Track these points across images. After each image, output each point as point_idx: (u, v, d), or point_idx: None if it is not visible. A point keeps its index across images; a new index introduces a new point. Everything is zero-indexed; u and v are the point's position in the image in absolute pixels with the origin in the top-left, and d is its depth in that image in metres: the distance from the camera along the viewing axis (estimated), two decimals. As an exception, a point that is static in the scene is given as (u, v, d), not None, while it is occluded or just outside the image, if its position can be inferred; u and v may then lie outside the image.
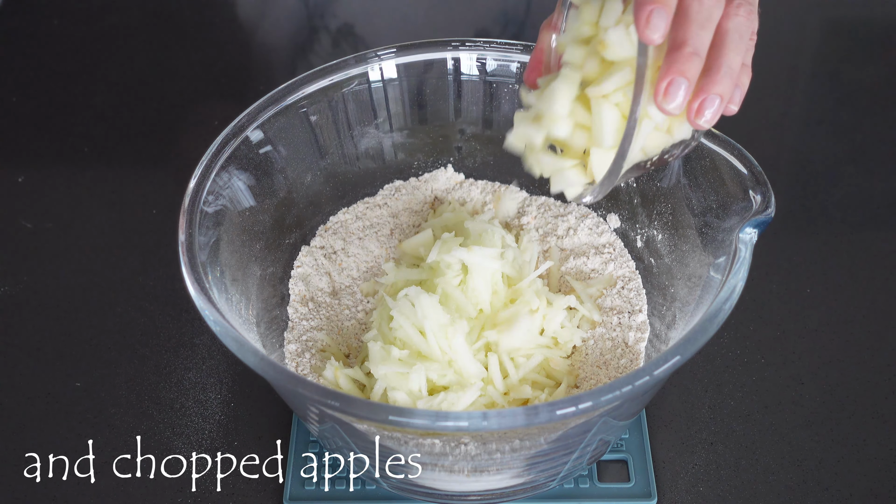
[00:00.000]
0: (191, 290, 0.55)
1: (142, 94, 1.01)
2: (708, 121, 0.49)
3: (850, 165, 0.91)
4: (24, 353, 0.76)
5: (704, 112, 0.49)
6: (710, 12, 0.48)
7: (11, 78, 1.03)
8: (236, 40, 1.10)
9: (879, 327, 0.76)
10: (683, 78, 0.47)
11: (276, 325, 0.68)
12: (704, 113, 0.49)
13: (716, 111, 0.49)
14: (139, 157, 0.93)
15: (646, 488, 0.65)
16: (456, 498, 0.63)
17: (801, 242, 0.84)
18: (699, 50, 0.48)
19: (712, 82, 0.48)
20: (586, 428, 0.55)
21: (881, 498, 0.66)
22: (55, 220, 0.87)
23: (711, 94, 0.49)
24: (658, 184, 0.67)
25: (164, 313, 0.78)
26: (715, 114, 0.49)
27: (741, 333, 0.76)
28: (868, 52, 1.05)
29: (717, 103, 0.49)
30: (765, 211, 0.57)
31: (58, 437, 0.70)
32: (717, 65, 0.49)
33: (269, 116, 0.66)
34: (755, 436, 0.70)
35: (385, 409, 0.48)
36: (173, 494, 0.67)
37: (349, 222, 0.75)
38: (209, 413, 0.71)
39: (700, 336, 0.51)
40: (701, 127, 0.50)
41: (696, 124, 0.50)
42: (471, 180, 0.78)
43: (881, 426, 0.70)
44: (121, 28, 1.10)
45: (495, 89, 0.72)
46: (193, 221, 0.59)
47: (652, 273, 0.70)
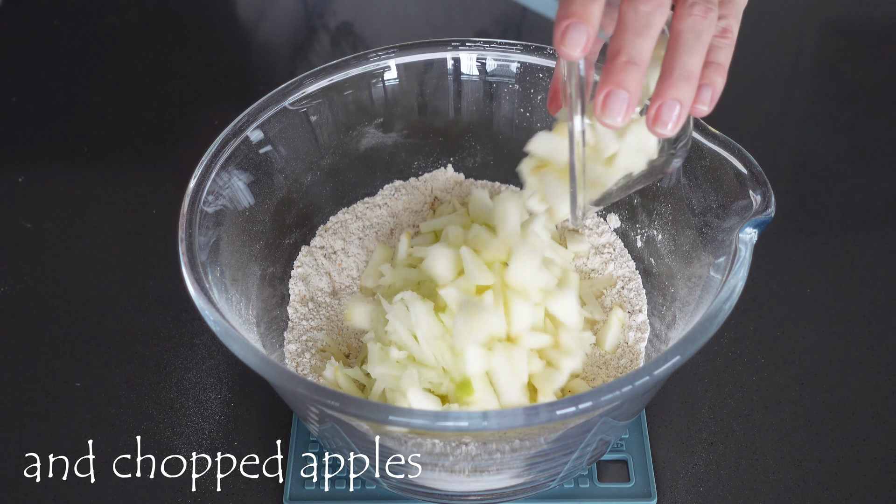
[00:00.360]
0: (191, 290, 0.55)
1: (142, 94, 1.01)
2: (670, 128, 0.47)
3: (850, 165, 0.91)
4: (24, 353, 0.76)
5: (662, 118, 0.47)
6: (647, 19, 0.46)
7: (11, 78, 1.03)
8: (236, 40, 1.10)
9: (879, 327, 0.76)
10: (621, 89, 0.45)
11: (276, 325, 0.68)
12: (662, 119, 0.47)
13: (677, 116, 0.47)
14: (139, 157, 0.93)
15: (646, 488, 0.65)
16: (456, 498, 0.63)
17: (801, 242, 0.84)
18: (634, 58, 0.46)
19: (666, 87, 0.47)
20: (586, 428, 0.55)
21: (881, 498, 0.66)
22: (55, 220, 0.87)
23: (668, 100, 0.47)
24: (658, 184, 0.67)
25: (164, 313, 0.78)
26: (677, 119, 0.47)
27: (741, 333, 0.76)
28: (868, 52, 1.05)
29: (675, 109, 0.47)
30: (765, 211, 0.57)
31: (58, 437, 0.70)
32: (670, 68, 0.47)
33: (269, 116, 0.66)
34: (755, 436, 0.70)
35: (385, 409, 0.48)
36: (173, 494, 0.67)
37: (349, 222, 0.75)
38: (209, 413, 0.71)
39: (700, 336, 0.51)
40: (663, 135, 0.48)
41: (656, 132, 0.48)
42: (471, 180, 0.78)
43: (881, 426, 0.70)
44: (121, 28, 1.10)
45: (495, 89, 0.72)
46: (193, 221, 0.59)
47: (652, 273, 0.70)
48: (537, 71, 0.70)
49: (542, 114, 0.72)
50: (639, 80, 0.46)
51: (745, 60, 1.02)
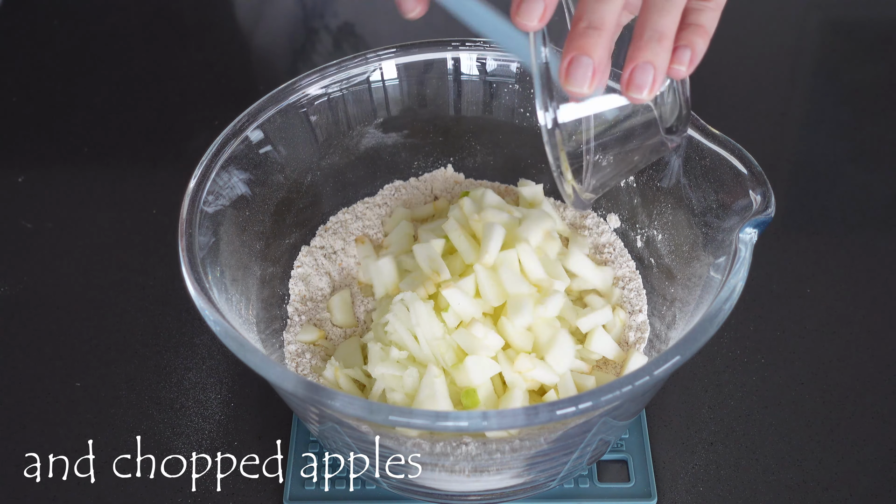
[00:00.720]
0: (191, 290, 0.55)
1: (142, 94, 1.01)
2: (645, 92, 0.46)
3: (850, 165, 0.91)
4: (24, 353, 0.76)
5: (635, 80, 0.45)
6: None
7: (11, 78, 1.03)
8: (236, 40, 1.10)
9: (879, 327, 0.76)
10: (584, 55, 0.44)
11: (276, 325, 0.68)
12: (636, 82, 0.45)
13: (652, 79, 0.45)
14: (139, 157, 0.93)
15: (646, 488, 0.65)
16: (456, 498, 0.63)
17: (801, 242, 0.84)
18: (595, 22, 0.44)
19: (636, 49, 0.45)
20: (586, 428, 0.55)
21: (881, 498, 0.66)
22: (55, 220, 0.87)
23: (640, 62, 0.45)
24: (658, 184, 0.67)
25: (164, 313, 0.78)
26: (652, 83, 0.46)
27: (741, 333, 0.76)
28: (868, 52, 1.05)
29: (649, 71, 0.45)
30: (765, 211, 0.57)
31: (58, 437, 0.70)
32: (641, 30, 0.46)
33: (269, 116, 0.66)
34: (755, 436, 0.70)
35: (385, 409, 0.48)
36: (173, 494, 0.67)
37: (349, 222, 0.75)
38: (209, 413, 0.71)
39: (700, 336, 0.51)
40: (639, 100, 0.46)
41: (632, 97, 0.46)
42: (470, 180, 0.78)
43: (881, 426, 0.70)
44: (121, 28, 1.10)
45: (495, 89, 0.72)
46: (193, 221, 0.59)
47: (652, 273, 0.70)
48: (537, 71, 0.70)
49: (542, 114, 0.72)
50: (603, 46, 0.45)
51: (745, 60, 1.03)
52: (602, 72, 0.45)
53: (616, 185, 0.69)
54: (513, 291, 0.63)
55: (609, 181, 0.55)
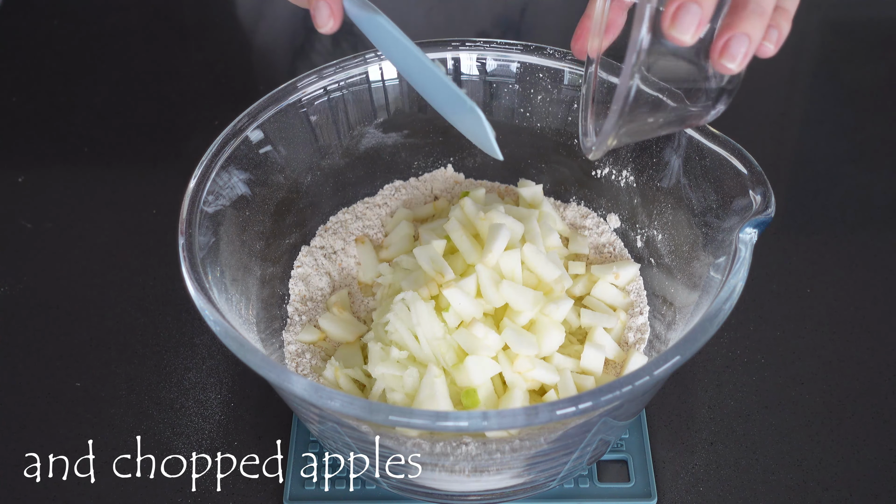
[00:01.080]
0: (191, 290, 0.55)
1: (142, 94, 1.01)
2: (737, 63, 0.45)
3: (850, 165, 0.91)
4: (24, 353, 0.76)
5: (730, 50, 0.44)
6: None
7: (11, 78, 1.03)
8: (236, 40, 1.10)
9: (879, 327, 0.76)
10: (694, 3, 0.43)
11: (276, 325, 0.68)
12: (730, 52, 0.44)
13: (745, 52, 0.45)
14: (139, 157, 0.93)
15: (646, 488, 0.65)
16: (456, 498, 0.63)
17: (801, 242, 0.84)
18: None
19: (739, 19, 0.44)
20: (586, 428, 0.55)
21: (881, 498, 0.66)
22: (55, 220, 0.87)
23: (738, 33, 0.44)
24: (658, 184, 0.67)
25: (164, 313, 0.78)
26: (744, 55, 0.45)
27: (741, 333, 0.76)
28: (868, 52, 1.05)
29: (744, 43, 0.44)
30: (765, 211, 0.57)
31: (58, 437, 0.70)
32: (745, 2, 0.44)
33: (269, 116, 0.66)
34: (755, 436, 0.70)
35: (385, 410, 0.48)
36: (173, 494, 0.67)
37: (349, 222, 0.75)
38: (209, 413, 0.71)
39: (700, 336, 0.51)
40: (728, 70, 0.45)
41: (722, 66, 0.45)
42: (470, 180, 0.78)
43: (881, 426, 0.70)
44: (121, 28, 1.10)
45: (495, 89, 0.72)
46: (193, 221, 0.59)
47: (652, 273, 0.70)
48: (537, 71, 0.70)
49: (542, 114, 0.72)
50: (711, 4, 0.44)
51: (745, 60, 1.03)
52: (706, 22, 0.44)
53: (627, 144, 0.67)
54: (516, 294, 0.63)
55: (631, 138, 0.54)
